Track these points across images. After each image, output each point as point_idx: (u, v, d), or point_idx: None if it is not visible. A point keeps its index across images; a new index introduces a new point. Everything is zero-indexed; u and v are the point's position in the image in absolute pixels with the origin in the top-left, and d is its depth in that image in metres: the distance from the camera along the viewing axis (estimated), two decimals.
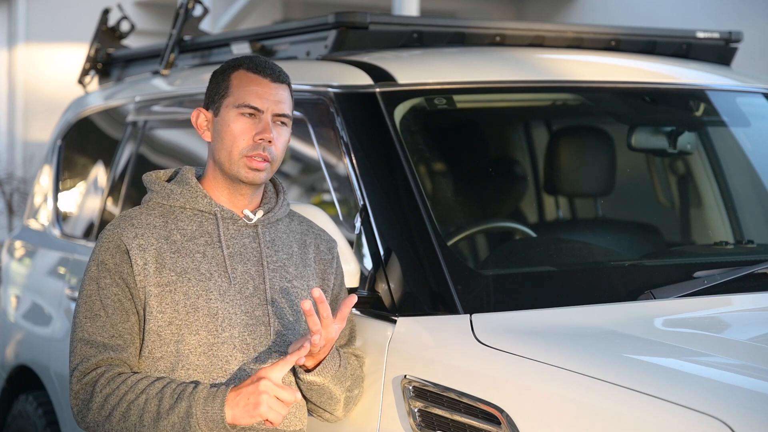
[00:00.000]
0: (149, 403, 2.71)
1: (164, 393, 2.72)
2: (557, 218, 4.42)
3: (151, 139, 4.58)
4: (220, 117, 2.87)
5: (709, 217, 4.20)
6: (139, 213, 2.87)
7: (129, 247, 2.80)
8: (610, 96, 3.91)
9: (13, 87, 12.45)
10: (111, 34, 5.38)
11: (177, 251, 2.82)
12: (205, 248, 2.84)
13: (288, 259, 2.91)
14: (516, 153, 4.47)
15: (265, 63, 2.89)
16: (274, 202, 2.97)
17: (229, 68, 2.91)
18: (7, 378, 5.08)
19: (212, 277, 2.82)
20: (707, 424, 2.39)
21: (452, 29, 3.96)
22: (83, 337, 2.79)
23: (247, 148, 2.83)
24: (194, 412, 2.69)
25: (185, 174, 2.93)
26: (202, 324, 2.79)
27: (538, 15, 11.91)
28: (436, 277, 3.09)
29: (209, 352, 2.80)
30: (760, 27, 9.09)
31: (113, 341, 2.79)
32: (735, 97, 4.02)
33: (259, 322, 2.84)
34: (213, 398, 2.69)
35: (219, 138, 2.86)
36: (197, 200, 2.88)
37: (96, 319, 2.79)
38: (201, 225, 2.86)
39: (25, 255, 5.32)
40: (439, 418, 2.82)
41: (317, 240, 3.00)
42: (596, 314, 3.06)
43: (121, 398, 2.72)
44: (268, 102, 2.84)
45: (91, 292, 2.82)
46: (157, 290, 2.79)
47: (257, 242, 2.88)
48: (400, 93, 3.49)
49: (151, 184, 2.93)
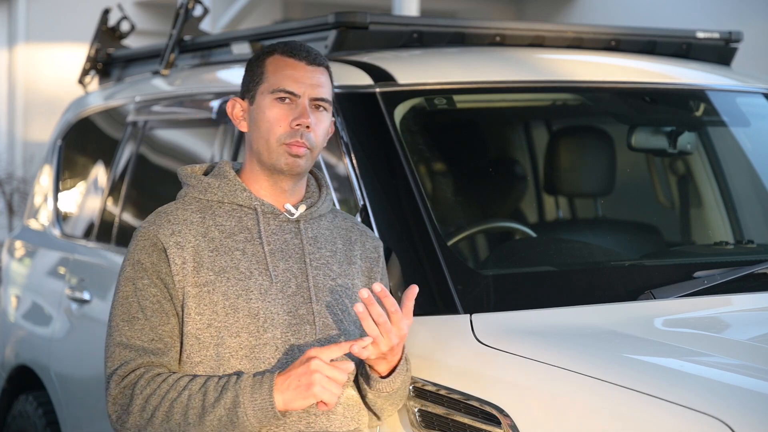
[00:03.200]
0: (193, 398, 2.58)
1: (207, 387, 2.58)
2: (557, 218, 4.42)
3: (152, 139, 4.58)
4: (256, 105, 2.75)
5: (709, 217, 4.20)
6: (175, 208, 2.74)
7: (166, 245, 2.67)
8: (610, 96, 3.91)
9: (13, 87, 12.45)
10: (111, 34, 5.38)
11: (215, 249, 2.69)
12: (245, 245, 2.71)
13: (331, 256, 2.78)
14: (516, 153, 4.47)
15: (301, 46, 2.76)
16: (317, 196, 2.83)
17: (263, 54, 2.78)
18: (7, 378, 5.08)
19: (252, 275, 2.69)
20: (707, 424, 2.39)
21: (452, 29, 3.96)
22: (121, 341, 2.65)
23: (285, 135, 2.69)
24: (241, 401, 2.55)
25: (223, 167, 2.79)
26: (242, 325, 2.66)
27: (538, 15, 11.91)
28: (436, 277, 3.09)
29: (251, 355, 2.66)
30: (760, 27, 9.09)
31: (153, 345, 2.65)
32: (735, 97, 4.02)
33: (304, 321, 2.70)
34: (260, 385, 2.55)
35: (255, 127, 2.74)
36: (236, 194, 2.74)
37: (134, 322, 2.65)
38: (240, 220, 2.73)
39: (25, 255, 5.32)
40: (439, 418, 2.82)
41: (363, 237, 2.87)
42: (596, 314, 3.06)
43: (162, 397, 2.59)
44: (305, 86, 2.71)
45: (127, 294, 2.68)
46: (195, 290, 2.66)
47: (299, 238, 2.75)
48: (400, 93, 3.49)
49: (187, 178, 2.80)
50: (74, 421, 4.52)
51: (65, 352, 4.60)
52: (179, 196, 2.80)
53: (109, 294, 4.39)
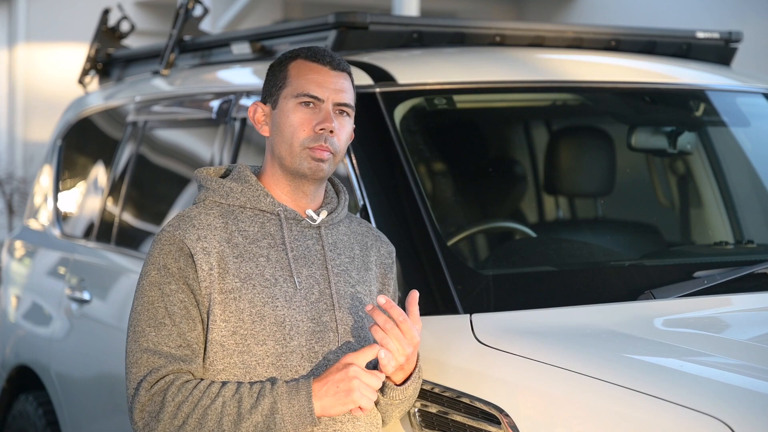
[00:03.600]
0: (227, 405, 2.55)
1: (242, 393, 2.56)
2: (557, 218, 4.42)
3: (151, 140, 4.58)
4: (279, 109, 2.72)
5: (709, 217, 4.20)
6: (197, 213, 2.69)
7: (193, 250, 2.63)
8: (610, 96, 3.91)
9: (13, 87, 12.45)
10: (111, 34, 5.38)
11: (240, 255, 2.65)
12: (269, 251, 2.68)
13: (350, 262, 2.76)
14: (516, 153, 4.47)
15: (325, 51, 2.74)
16: (335, 202, 2.81)
17: (286, 59, 2.75)
18: (7, 378, 5.08)
19: (278, 282, 2.66)
20: (707, 424, 2.39)
21: (452, 29, 3.96)
22: (148, 347, 2.60)
23: (308, 139, 2.67)
24: (279, 407, 2.53)
25: (243, 171, 2.75)
26: (269, 333, 2.63)
27: (538, 15, 11.91)
28: (436, 277, 3.09)
29: (278, 363, 2.63)
30: (761, 27, 9.09)
31: (181, 351, 2.61)
32: (735, 97, 4.02)
33: (327, 329, 2.68)
34: (297, 391, 2.54)
35: (278, 131, 2.71)
36: (259, 199, 2.71)
37: (161, 328, 2.61)
38: (263, 226, 2.70)
39: (25, 255, 5.32)
40: (439, 418, 2.82)
41: (378, 242, 2.85)
42: (596, 314, 3.06)
43: (195, 405, 2.55)
44: (329, 91, 2.69)
45: (153, 299, 2.63)
46: (221, 297, 2.62)
47: (320, 244, 2.73)
48: (400, 93, 3.49)
49: (206, 182, 2.76)
50: (74, 421, 4.52)
51: (65, 352, 4.60)
52: (198, 200, 2.77)
53: (109, 294, 4.39)
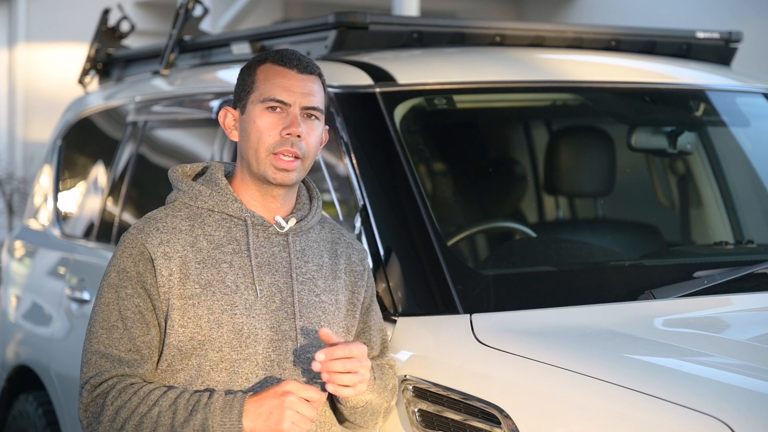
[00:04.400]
0: (162, 416, 2.57)
1: (178, 405, 2.58)
2: (557, 218, 4.42)
3: (151, 140, 4.58)
4: (246, 114, 2.71)
5: (709, 217, 4.20)
6: (164, 215, 2.71)
7: (154, 255, 2.64)
8: (610, 96, 3.91)
9: (13, 87, 12.45)
10: (111, 34, 5.38)
11: (202, 261, 2.66)
12: (233, 257, 2.68)
13: (317, 270, 2.76)
14: (516, 153, 4.47)
15: (293, 54, 2.73)
16: (307, 209, 2.81)
17: (255, 63, 2.75)
18: (7, 378, 5.08)
19: (238, 290, 2.66)
20: (707, 424, 2.39)
21: (452, 29, 3.96)
22: (98, 349, 2.64)
23: (274, 145, 2.67)
24: (210, 424, 2.55)
25: (215, 173, 2.77)
26: (225, 340, 2.64)
27: (538, 15, 11.91)
28: (436, 277, 3.09)
29: (230, 368, 2.65)
30: (761, 27, 9.09)
31: (130, 356, 2.64)
32: (735, 97, 4.02)
33: (286, 338, 2.69)
34: (230, 409, 2.56)
35: (246, 136, 2.71)
36: (227, 204, 2.72)
37: (113, 331, 2.64)
38: (229, 231, 2.71)
39: (25, 255, 5.32)
40: (439, 418, 2.82)
41: (349, 249, 2.85)
42: (596, 314, 3.06)
43: (133, 411, 2.58)
44: (295, 95, 2.68)
45: (109, 301, 2.66)
46: (180, 303, 2.64)
47: (287, 251, 2.73)
48: (400, 93, 3.49)
49: (177, 182, 2.77)
50: (74, 421, 4.52)
51: (65, 352, 4.60)
52: (168, 200, 2.78)
53: None
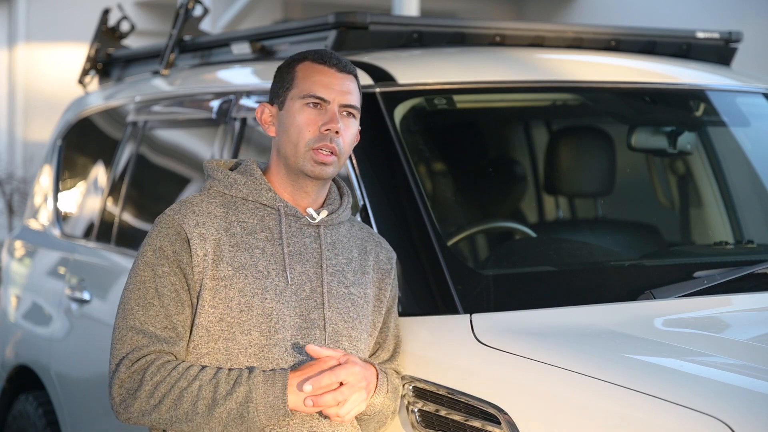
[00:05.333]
0: (203, 389, 2.61)
1: (219, 379, 2.62)
2: (557, 218, 4.42)
3: (151, 140, 4.58)
4: (285, 110, 2.78)
5: (709, 217, 4.20)
6: (200, 200, 2.77)
7: (190, 235, 2.69)
8: (610, 96, 3.91)
9: (13, 87, 12.45)
10: (111, 34, 5.38)
11: (236, 245, 2.72)
12: (265, 244, 2.74)
13: (347, 264, 2.81)
14: (516, 153, 4.47)
15: (331, 54, 2.80)
16: (338, 204, 2.86)
17: (294, 61, 2.82)
18: (7, 378, 5.08)
19: (269, 275, 2.72)
20: (707, 424, 2.39)
21: (452, 29, 3.96)
22: (134, 325, 2.67)
23: (314, 140, 2.73)
24: (254, 396, 2.59)
25: (250, 165, 2.83)
26: (255, 324, 2.68)
27: (538, 15, 11.91)
28: (436, 277, 3.09)
29: (260, 354, 2.69)
30: (761, 27, 9.09)
31: (166, 333, 2.67)
32: (735, 97, 4.02)
33: (314, 326, 2.73)
34: (273, 382, 2.60)
35: (284, 131, 2.77)
36: (261, 193, 2.78)
37: (149, 308, 2.68)
38: (262, 219, 2.76)
39: (25, 255, 5.32)
40: (439, 418, 2.82)
41: (378, 248, 2.90)
42: (596, 314, 3.06)
43: (172, 385, 2.61)
44: (335, 92, 2.75)
45: (145, 279, 2.70)
46: (212, 284, 2.69)
47: (318, 243, 2.78)
48: (400, 93, 3.49)
49: (213, 171, 2.83)
50: (74, 421, 4.52)
51: (65, 352, 4.60)
52: (204, 188, 2.83)
53: (109, 294, 4.39)
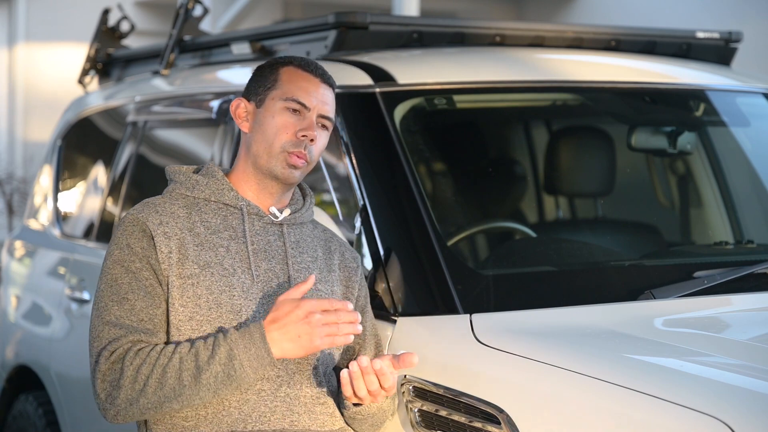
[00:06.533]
0: (185, 361, 2.61)
1: (197, 347, 2.62)
2: (557, 218, 4.42)
3: (151, 140, 4.58)
4: (264, 108, 2.79)
5: (709, 217, 4.20)
6: (162, 201, 2.79)
7: (154, 233, 2.71)
8: (610, 96, 3.91)
9: (13, 87, 12.45)
10: (111, 34, 5.38)
11: (200, 244, 2.73)
12: (229, 243, 2.75)
13: (312, 262, 2.83)
14: (516, 153, 4.47)
15: (316, 63, 2.84)
16: (300, 204, 2.89)
17: (278, 63, 2.84)
18: (7, 378, 5.08)
19: (236, 273, 2.73)
20: (707, 424, 2.39)
21: (452, 29, 3.96)
22: (110, 320, 2.67)
23: (289, 143, 2.75)
24: (236, 353, 2.59)
25: (211, 167, 2.85)
26: (225, 321, 2.69)
27: (538, 15, 11.91)
28: (436, 277, 3.09)
29: None
30: (761, 27, 9.09)
31: (142, 325, 2.67)
32: (735, 97, 4.02)
33: None
34: (250, 335, 2.60)
35: (260, 129, 2.79)
36: (223, 193, 2.80)
37: (124, 303, 2.68)
38: (225, 219, 2.78)
39: (25, 255, 5.32)
40: (439, 418, 2.82)
41: (342, 248, 2.93)
42: (596, 314, 3.06)
43: (153, 365, 2.61)
44: (316, 101, 2.78)
45: (116, 276, 2.70)
46: (179, 282, 2.70)
47: (282, 241, 2.80)
48: (400, 93, 3.49)
49: (174, 175, 2.85)
50: (74, 421, 4.52)
51: (65, 352, 4.60)
52: (166, 192, 2.85)
53: None
